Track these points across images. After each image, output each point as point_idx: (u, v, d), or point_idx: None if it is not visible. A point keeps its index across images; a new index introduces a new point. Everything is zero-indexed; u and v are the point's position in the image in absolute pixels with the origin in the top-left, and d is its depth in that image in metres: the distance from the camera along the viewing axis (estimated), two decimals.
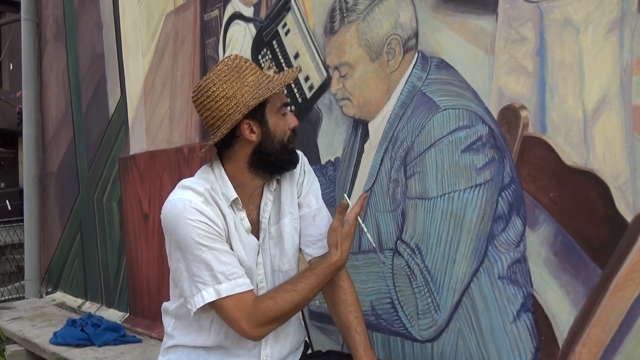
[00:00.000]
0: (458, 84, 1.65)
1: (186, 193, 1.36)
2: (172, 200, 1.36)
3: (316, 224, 1.52)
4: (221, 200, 1.39)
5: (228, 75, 1.35)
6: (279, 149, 1.40)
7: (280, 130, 1.40)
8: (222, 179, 1.41)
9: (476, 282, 1.62)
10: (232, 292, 1.32)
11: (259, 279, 1.46)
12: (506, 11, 1.54)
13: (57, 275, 4.33)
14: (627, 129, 1.32)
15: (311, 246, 1.52)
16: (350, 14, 1.95)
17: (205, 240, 1.32)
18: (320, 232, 1.51)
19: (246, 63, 1.39)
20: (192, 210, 1.32)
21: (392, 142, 1.83)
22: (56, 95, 4.30)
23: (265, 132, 1.38)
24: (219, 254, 1.33)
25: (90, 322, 3.08)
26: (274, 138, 1.39)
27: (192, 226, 1.31)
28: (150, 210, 3.20)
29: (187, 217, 1.32)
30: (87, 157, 3.86)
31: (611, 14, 1.34)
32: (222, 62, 1.38)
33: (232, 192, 1.40)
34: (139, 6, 3.27)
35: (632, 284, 1.31)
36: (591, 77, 1.38)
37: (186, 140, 2.90)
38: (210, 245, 1.32)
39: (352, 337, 1.44)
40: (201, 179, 1.42)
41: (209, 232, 1.33)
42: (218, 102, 1.34)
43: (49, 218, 4.43)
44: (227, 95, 1.34)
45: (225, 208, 1.39)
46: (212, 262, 1.32)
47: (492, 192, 1.57)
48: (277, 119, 1.40)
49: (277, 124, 1.40)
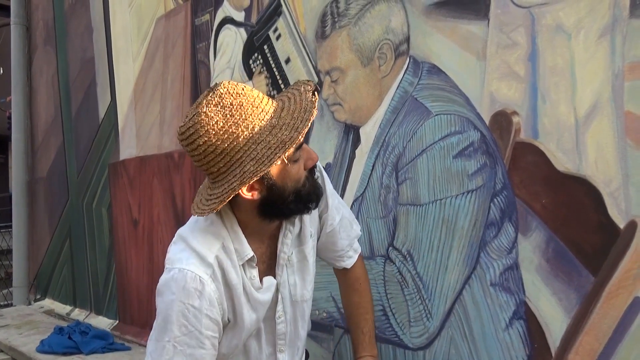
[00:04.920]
0: (450, 89, 1.65)
1: (192, 262, 1.16)
2: (175, 269, 1.16)
3: (342, 236, 1.43)
4: (233, 261, 1.19)
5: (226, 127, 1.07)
6: (292, 199, 1.17)
7: (291, 180, 1.15)
8: (234, 233, 1.20)
9: (468, 289, 1.61)
10: None
11: (278, 314, 1.31)
12: (498, 16, 1.53)
13: (45, 282, 4.29)
14: (619, 135, 1.31)
15: (341, 259, 1.46)
16: (342, 18, 1.94)
17: (182, 332, 1.14)
18: (347, 241, 1.45)
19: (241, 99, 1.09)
20: (192, 292, 1.14)
21: (383, 148, 1.82)
22: (46, 99, 4.27)
23: (271, 187, 1.14)
24: (182, 354, 1.14)
25: (78, 329, 3.04)
26: (284, 191, 1.15)
27: (181, 312, 1.13)
28: (140, 217, 3.17)
29: (181, 300, 1.13)
30: (76, 162, 3.83)
31: (603, 20, 1.33)
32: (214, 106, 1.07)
33: (248, 249, 1.20)
34: (130, 10, 3.25)
35: (625, 291, 1.30)
36: (583, 82, 1.37)
37: (177, 145, 2.87)
38: (181, 340, 1.14)
39: (357, 336, 1.48)
40: (211, 234, 1.19)
41: (194, 327, 1.15)
42: (208, 156, 1.10)
43: (37, 224, 4.39)
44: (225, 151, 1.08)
45: (233, 275, 1.20)
46: (167, 354, 1.14)
47: (484, 198, 1.56)
48: (290, 168, 1.14)
49: (287, 174, 1.14)
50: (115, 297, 3.39)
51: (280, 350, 1.35)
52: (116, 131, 3.38)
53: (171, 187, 2.85)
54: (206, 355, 1.17)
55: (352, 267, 1.49)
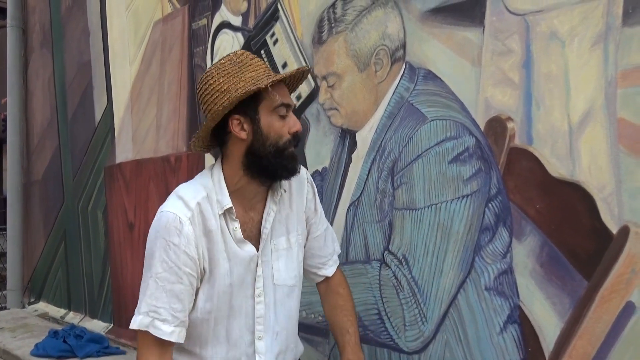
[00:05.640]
0: (445, 95, 1.66)
1: (176, 205, 1.31)
2: (161, 212, 1.31)
3: (328, 244, 1.54)
4: (214, 210, 1.32)
5: (228, 69, 1.28)
6: (271, 151, 1.29)
7: (275, 132, 1.29)
8: (219, 184, 1.34)
9: (463, 293, 1.62)
10: (144, 329, 1.27)
11: (257, 292, 1.39)
12: (493, 23, 1.55)
13: (40, 285, 4.27)
14: (612, 141, 1.33)
15: (325, 265, 1.53)
16: (339, 24, 1.95)
17: (164, 268, 1.27)
18: (332, 249, 1.54)
19: (252, 60, 1.30)
20: (173, 230, 1.27)
21: (379, 153, 1.83)
22: (42, 102, 4.26)
23: (256, 132, 1.29)
24: (162, 289, 1.27)
25: (72, 333, 3.03)
26: (266, 140, 1.29)
27: (163, 248, 1.27)
28: (135, 220, 3.16)
29: (163, 237, 1.27)
30: (72, 165, 3.82)
31: (596, 28, 1.35)
32: (226, 56, 1.31)
33: (227, 200, 1.33)
34: (127, 14, 3.26)
35: (618, 295, 1.31)
36: (577, 89, 1.39)
37: (173, 149, 2.88)
38: (162, 276, 1.27)
39: (343, 337, 1.48)
40: (199, 184, 1.35)
41: (174, 262, 1.27)
42: (213, 95, 1.28)
43: (32, 227, 4.37)
44: (222, 89, 1.27)
45: (212, 222, 1.32)
46: (150, 289, 1.27)
47: (479, 203, 1.58)
48: (271, 119, 1.29)
49: (271, 125, 1.29)
50: (110, 300, 3.38)
51: (259, 337, 1.39)
52: (112, 134, 3.38)
53: (167, 190, 2.85)
54: (184, 290, 1.29)
55: (334, 274, 1.55)
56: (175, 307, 1.28)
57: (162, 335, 1.27)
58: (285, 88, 1.34)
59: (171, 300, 1.28)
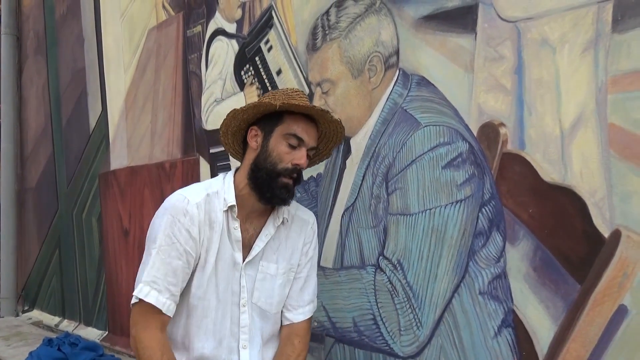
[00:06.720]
0: (438, 101, 1.67)
1: (187, 191, 1.44)
2: (176, 193, 1.44)
3: (305, 291, 1.57)
4: (220, 204, 1.43)
5: (277, 94, 1.43)
6: (268, 169, 1.39)
7: (277, 154, 1.40)
8: (227, 184, 1.46)
9: (457, 298, 1.63)
10: (143, 297, 1.35)
11: (242, 302, 1.47)
12: (485, 30, 1.57)
13: (34, 293, 4.24)
14: (603, 146, 1.34)
15: (295, 310, 1.56)
16: (333, 31, 1.97)
17: (167, 243, 1.37)
18: (306, 299, 1.58)
19: (301, 96, 1.42)
20: (180, 209, 1.38)
21: (373, 158, 1.84)
22: (36, 109, 4.25)
23: (264, 146, 1.42)
24: (162, 262, 1.36)
25: (67, 341, 3.00)
26: (268, 157, 1.40)
27: (169, 223, 1.37)
28: (130, 226, 3.16)
29: (171, 214, 1.38)
30: (66, 172, 3.81)
31: (586, 34, 1.37)
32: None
33: (232, 198, 1.43)
34: (121, 21, 3.26)
35: (610, 299, 1.33)
36: (568, 95, 1.40)
37: (168, 155, 2.88)
38: (164, 249, 1.36)
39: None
40: (212, 182, 1.50)
41: (177, 238, 1.37)
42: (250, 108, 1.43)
43: (26, 234, 4.35)
44: (262, 100, 1.41)
45: (218, 214, 1.42)
46: (152, 260, 1.36)
47: (472, 208, 1.59)
48: (280, 142, 1.40)
49: (277, 146, 1.40)
50: (105, 307, 3.37)
51: (243, 346, 1.47)
52: (107, 141, 3.38)
53: (162, 197, 2.84)
54: (181, 267, 1.38)
55: (300, 324, 1.56)
56: (170, 280, 1.37)
57: (157, 304, 1.36)
58: (313, 129, 1.43)
59: (168, 273, 1.37)
